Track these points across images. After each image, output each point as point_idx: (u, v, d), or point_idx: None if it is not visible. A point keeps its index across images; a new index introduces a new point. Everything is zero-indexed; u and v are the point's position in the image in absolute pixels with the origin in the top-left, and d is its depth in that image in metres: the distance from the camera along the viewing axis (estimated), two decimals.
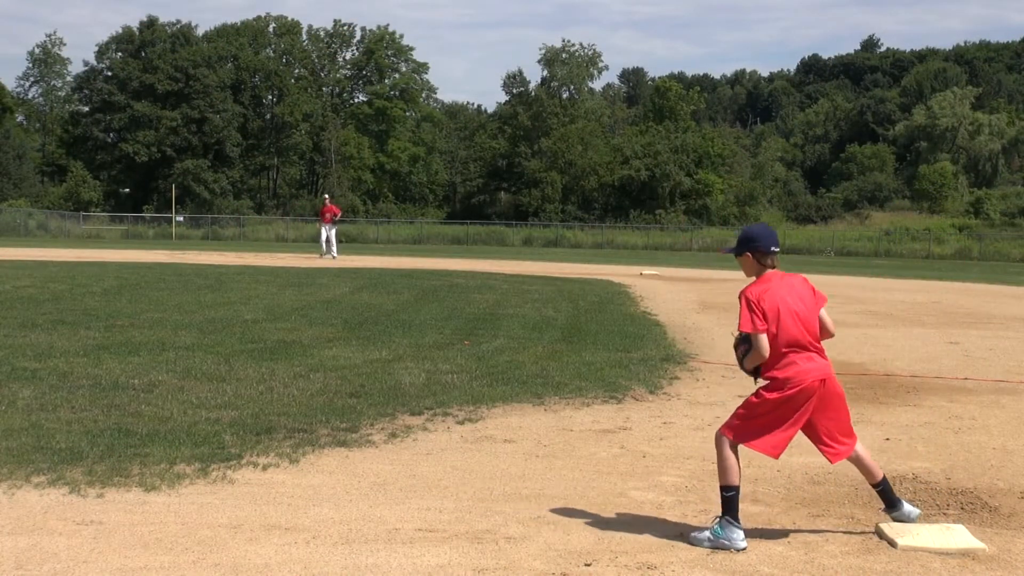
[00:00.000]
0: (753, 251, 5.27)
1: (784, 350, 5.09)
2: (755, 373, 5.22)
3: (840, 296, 23.05)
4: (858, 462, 5.32)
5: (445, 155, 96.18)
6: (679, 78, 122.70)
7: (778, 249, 5.31)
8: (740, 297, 5.20)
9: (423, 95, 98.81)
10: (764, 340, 5.06)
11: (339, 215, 35.66)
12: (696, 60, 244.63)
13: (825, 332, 5.25)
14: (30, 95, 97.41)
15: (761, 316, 5.07)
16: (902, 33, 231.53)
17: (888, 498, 5.31)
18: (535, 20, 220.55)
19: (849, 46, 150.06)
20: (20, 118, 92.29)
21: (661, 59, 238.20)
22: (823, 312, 5.25)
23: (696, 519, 5.39)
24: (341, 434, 7.08)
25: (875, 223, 79.99)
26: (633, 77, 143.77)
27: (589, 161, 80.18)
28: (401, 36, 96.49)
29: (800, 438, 7.64)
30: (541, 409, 8.32)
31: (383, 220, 72.92)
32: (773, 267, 5.27)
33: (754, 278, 5.29)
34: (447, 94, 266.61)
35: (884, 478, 5.33)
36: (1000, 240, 61.78)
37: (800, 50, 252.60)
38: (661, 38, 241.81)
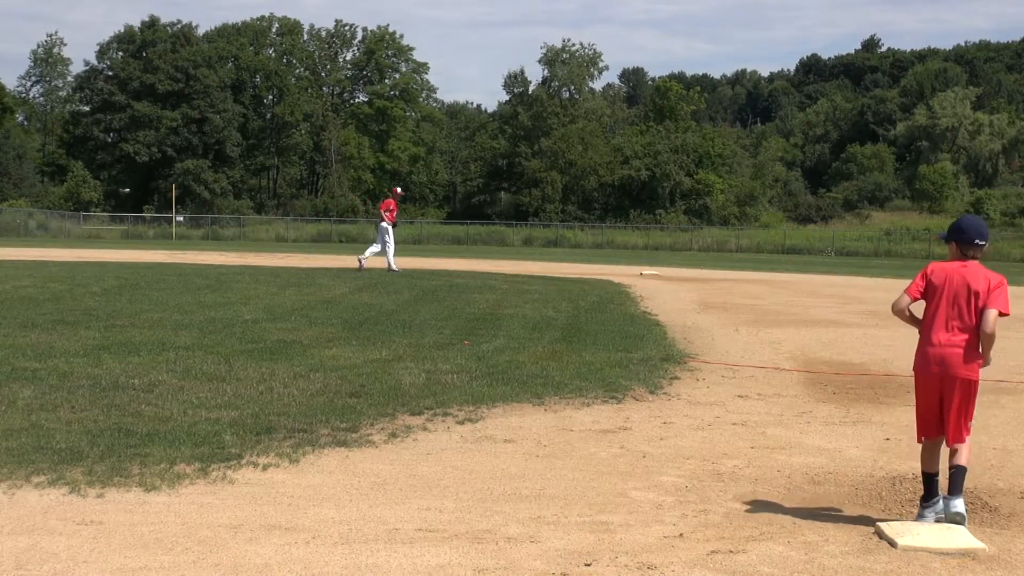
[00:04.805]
0: (958, 241, 5.55)
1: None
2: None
3: (840, 296, 23.05)
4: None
5: (445, 155, 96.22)
6: (679, 78, 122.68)
7: (983, 243, 5.54)
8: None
9: (423, 95, 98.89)
10: (905, 300, 5.54)
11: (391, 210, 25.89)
12: (699, 60, 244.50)
13: (981, 333, 5.46)
14: (31, 95, 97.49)
15: (921, 285, 5.51)
16: (919, 32, 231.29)
17: (952, 483, 5.43)
18: (556, 18, 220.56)
19: (854, 46, 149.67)
20: (21, 118, 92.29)
21: (676, 58, 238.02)
22: (989, 312, 5.43)
23: (696, 519, 5.39)
24: (341, 434, 7.08)
25: (875, 223, 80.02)
26: (633, 77, 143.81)
27: (589, 161, 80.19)
28: (401, 36, 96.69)
29: (801, 437, 7.64)
30: (541, 409, 8.32)
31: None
32: (974, 258, 5.53)
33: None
34: (460, 94, 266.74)
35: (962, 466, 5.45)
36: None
37: (820, 49, 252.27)
38: (682, 36, 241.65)
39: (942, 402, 5.42)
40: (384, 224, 25.59)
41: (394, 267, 25.40)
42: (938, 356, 5.39)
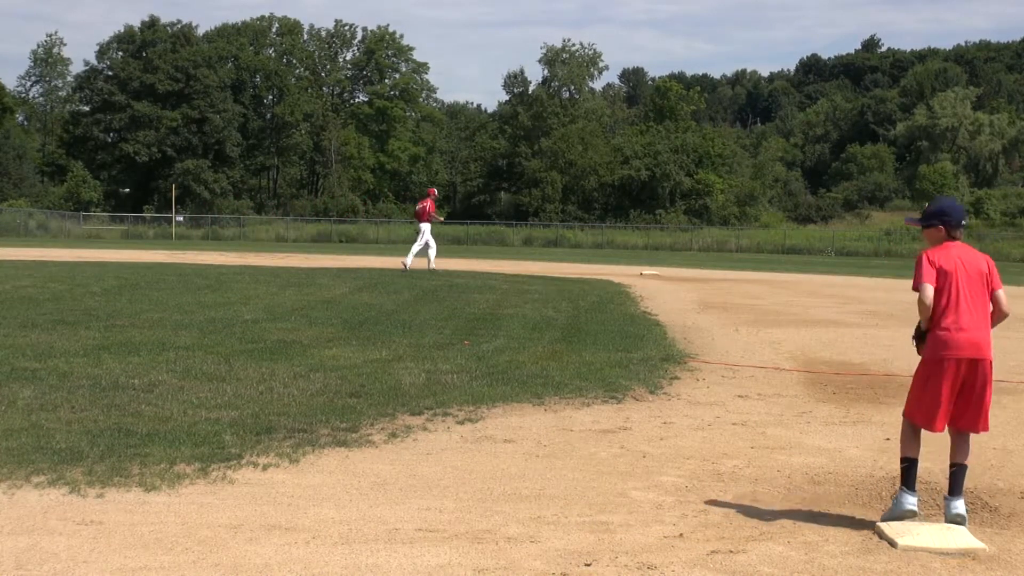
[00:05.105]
0: (945, 224, 5.52)
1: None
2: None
3: (840, 296, 23.06)
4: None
5: (445, 155, 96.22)
6: (679, 78, 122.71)
7: (966, 224, 5.61)
8: (918, 257, 5.48)
9: (423, 95, 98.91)
10: (930, 289, 5.35)
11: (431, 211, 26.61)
12: (699, 60, 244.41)
13: (996, 312, 5.49)
14: (31, 95, 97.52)
15: (933, 272, 5.38)
16: (919, 32, 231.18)
17: (954, 484, 5.42)
18: (556, 18, 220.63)
19: (854, 46, 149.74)
20: (20, 118, 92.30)
21: (676, 58, 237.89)
22: (1000, 292, 5.49)
23: (696, 519, 5.39)
24: (341, 434, 7.08)
25: (875, 223, 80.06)
26: (633, 77, 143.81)
27: (589, 161, 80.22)
28: (401, 36, 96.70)
29: (801, 437, 7.64)
30: (541, 409, 8.32)
31: (383, 220, 72.95)
32: (958, 239, 5.56)
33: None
34: (460, 94, 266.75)
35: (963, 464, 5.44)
36: (1000, 240, 61.80)
37: (820, 49, 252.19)
38: (682, 36, 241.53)
39: (963, 389, 5.36)
40: (424, 225, 26.56)
41: (408, 265, 25.88)
42: (970, 341, 5.32)
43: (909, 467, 5.47)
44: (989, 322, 5.45)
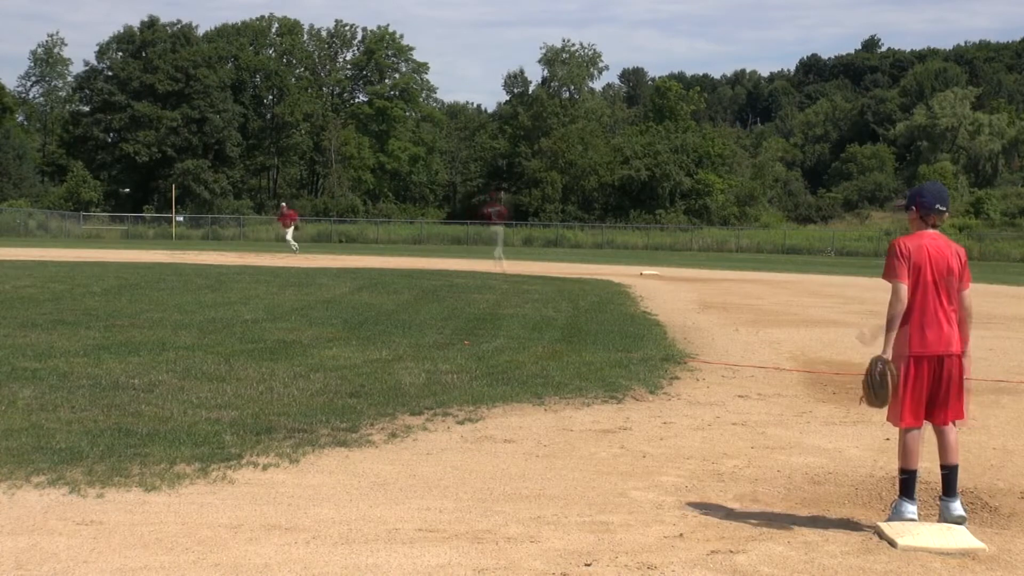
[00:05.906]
0: (919, 207, 5.42)
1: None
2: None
3: (840, 296, 23.05)
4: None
5: (445, 155, 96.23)
6: (679, 78, 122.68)
7: (945, 209, 5.44)
8: (889, 246, 5.33)
9: (423, 95, 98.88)
10: (904, 289, 5.22)
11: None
12: (699, 60, 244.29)
13: (962, 312, 5.39)
14: (31, 95, 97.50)
15: (905, 268, 5.24)
16: (920, 32, 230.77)
17: (948, 485, 5.38)
18: (557, 18, 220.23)
19: (854, 46, 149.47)
20: (20, 118, 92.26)
21: (676, 58, 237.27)
22: (966, 293, 5.39)
23: (696, 519, 5.39)
24: (341, 434, 7.08)
25: (875, 223, 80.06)
26: (633, 77, 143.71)
27: (589, 161, 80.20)
28: (401, 36, 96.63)
29: (801, 437, 7.64)
30: (541, 409, 8.32)
31: (383, 220, 72.93)
32: (935, 227, 5.43)
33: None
34: (460, 94, 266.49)
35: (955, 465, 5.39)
36: (1000, 240, 61.78)
37: (821, 48, 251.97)
38: (684, 36, 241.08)
39: (935, 385, 5.31)
40: (496, 228, 29.04)
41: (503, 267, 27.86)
42: (943, 337, 5.27)
43: (908, 479, 5.42)
44: (955, 317, 5.36)
